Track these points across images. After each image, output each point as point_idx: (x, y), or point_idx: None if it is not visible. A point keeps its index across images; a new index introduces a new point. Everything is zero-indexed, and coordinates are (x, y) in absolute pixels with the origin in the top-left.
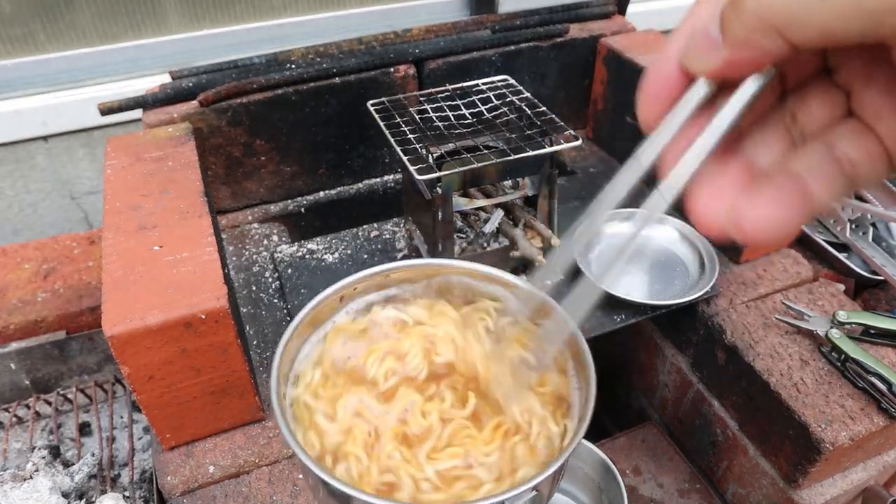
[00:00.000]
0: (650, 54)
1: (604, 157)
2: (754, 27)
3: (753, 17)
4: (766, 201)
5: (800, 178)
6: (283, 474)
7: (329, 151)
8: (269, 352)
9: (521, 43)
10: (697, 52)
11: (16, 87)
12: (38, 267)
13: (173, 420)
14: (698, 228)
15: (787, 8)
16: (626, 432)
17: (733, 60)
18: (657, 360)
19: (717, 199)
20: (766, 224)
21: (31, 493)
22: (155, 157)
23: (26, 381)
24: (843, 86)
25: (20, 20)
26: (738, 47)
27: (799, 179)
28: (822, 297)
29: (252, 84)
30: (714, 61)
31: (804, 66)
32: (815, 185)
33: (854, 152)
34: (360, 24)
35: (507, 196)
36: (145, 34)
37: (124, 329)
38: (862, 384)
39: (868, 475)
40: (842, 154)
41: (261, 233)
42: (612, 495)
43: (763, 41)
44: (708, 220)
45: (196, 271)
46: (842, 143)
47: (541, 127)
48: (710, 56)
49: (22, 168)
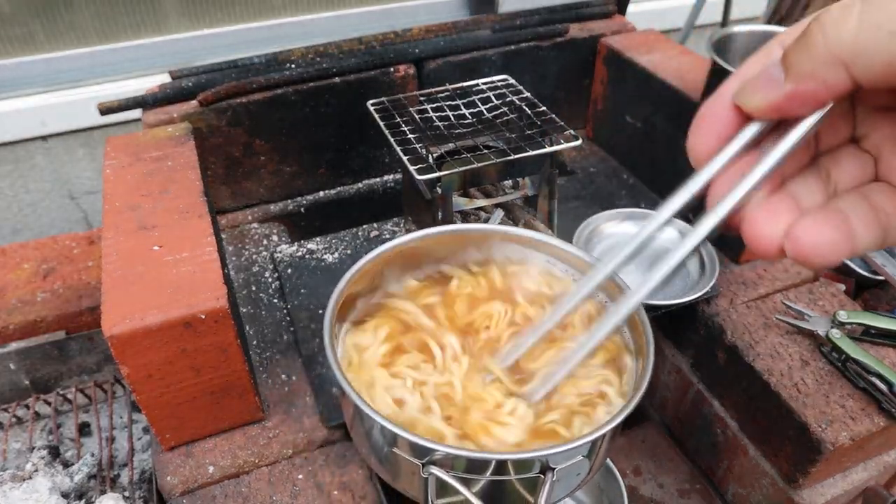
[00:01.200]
0: (650, 54)
1: (604, 157)
2: (822, 60)
3: (823, 50)
4: (820, 224)
5: (844, 214)
6: (283, 474)
7: (329, 151)
8: (269, 352)
9: (521, 43)
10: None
11: (16, 86)
12: (38, 267)
13: (173, 420)
14: (754, 249)
15: (856, 42)
16: (626, 432)
17: (796, 93)
18: (657, 360)
19: (774, 220)
20: (822, 244)
21: (31, 493)
22: (155, 157)
23: (26, 381)
24: (871, 151)
25: (20, 20)
26: (803, 80)
27: (844, 215)
28: (822, 297)
29: (252, 84)
30: (774, 96)
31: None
32: (857, 223)
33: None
34: (360, 24)
35: (507, 196)
36: (145, 34)
37: (124, 329)
38: (862, 384)
39: (868, 475)
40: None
41: (261, 233)
42: (613, 495)
43: (828, 75)
44: (766, 240)
45: (196, 271)
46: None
47: (541, 127)
48: (770, 92)
49: (21, 168)
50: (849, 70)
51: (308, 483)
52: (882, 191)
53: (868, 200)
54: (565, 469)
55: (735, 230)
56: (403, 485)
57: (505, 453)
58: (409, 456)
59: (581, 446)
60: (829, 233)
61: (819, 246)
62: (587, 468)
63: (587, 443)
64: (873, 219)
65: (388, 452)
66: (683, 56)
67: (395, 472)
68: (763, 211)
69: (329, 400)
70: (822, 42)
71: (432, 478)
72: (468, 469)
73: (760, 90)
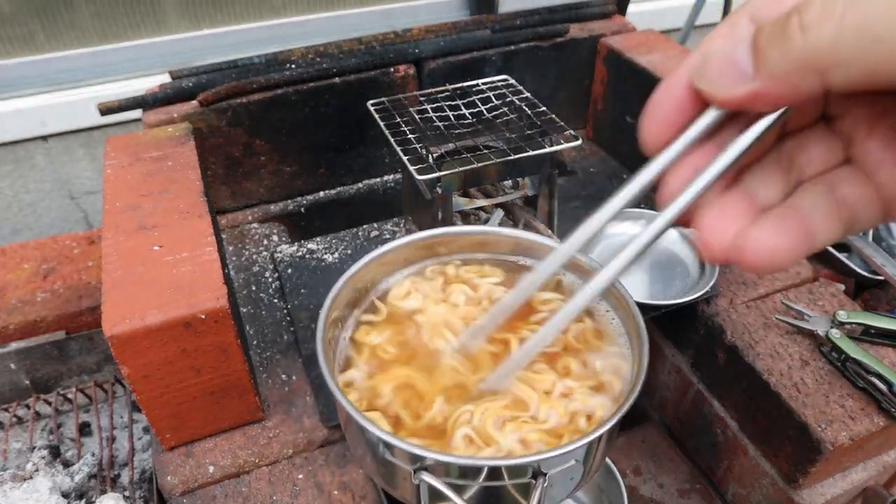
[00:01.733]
0: (650, 54)
1: (604, 157)
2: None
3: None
4: (771, 231)
5: (802, 213)
6: (283, 474)
7: (329, 151)
8: (269, 352)
9: (521, 43)
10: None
11: (16, 86)
12: (38, 267)
13: (173, 420)
14: (703, 253)
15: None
16: (626, 432)
17: (762, 94)
18: (657, 361)
19: (724, 225)
20: (771, 253)
21: (31, 493)
22: (155, 157)
23: (26, 381)
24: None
25: (20, 20)
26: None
27: (802, 214)
28: (822, 297)
29: (252, 84)
30: (739, 91)
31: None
32: (817, 221)
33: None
34: (360, 24)
35: (507, 196)
36: (145, 34)
37: (124, 329)
38: (862, 384)
39: (868, 475)
40: (841, 197)
41: (261, 233)
42: (612, 495)
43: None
44: (714, 246)
45: (196, 271)
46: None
47: (541, 127)
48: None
49: (21, 168)
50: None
51: (308, 483)
52: (850, 178)
53: (833, 193)
54: (558, 474)
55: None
56: (399, 491)
57: (497, 459)
58: (401, 462)
59: (575, 450)
60: (782, 240)
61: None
62: (581, 472)
63: (581, 447)
64: (836, 214)
65: (381, 459)
66: (683, 56)
67: (389, 478)
68: (714, 214)
69: (329, 400)
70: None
71: (424, 484)
72: (460, 475)
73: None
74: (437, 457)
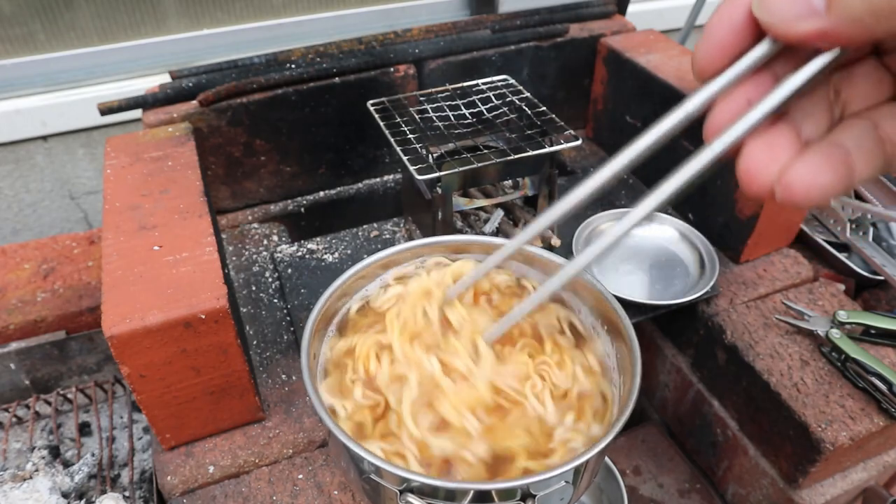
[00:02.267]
0: (650, 54)
1: (604, 157)
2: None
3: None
4: (813, 164)
5: (845, 149)
6: (283, 474)
7: (329, 151)
8: (269, 352)
9: (521, 43)
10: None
11: (16, 86)
12: (38, 267)
13: (173, 420)
14: (744, 186)
15: None
16: (626, 432)
17: (833, 33)
18: (657, 360)
19: (769, 160)
20: (812, 188)
21: (31, 493)
22: (155, 157)
23: (26, 381)
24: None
25: (20, 20)
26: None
27: (845, 151)
28: (822, 297)
29: (252, 84)
30: (807, 28)
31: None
32: (859, 158)
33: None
34: (360, 24)
35: (507, 196)
36: (145, 34)
37: (124, 329)
38: (862, 384)
39: (868, 475)
40: (885, 134)
41: (261, 233)
42: (612, 495)
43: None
44: (758, 178)
45: (196, 271)
46: (886, 123)
47: (541, 127)
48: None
49: (21, 168)
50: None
51: (308, 483)
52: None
53: (877, 130)
54: (547, 496)
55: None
56: None
57: (484, 483)
58: (387, 483)
59: (564, 473)
60: (824, 176)
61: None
62: (570, 493)
63: (570, 469)
64: (878, 151)
65: (367, 479)
66: (683, 56)
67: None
68: (760, 147)
69: None
70: None
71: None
72: (447, 497)
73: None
74: (423, 480)
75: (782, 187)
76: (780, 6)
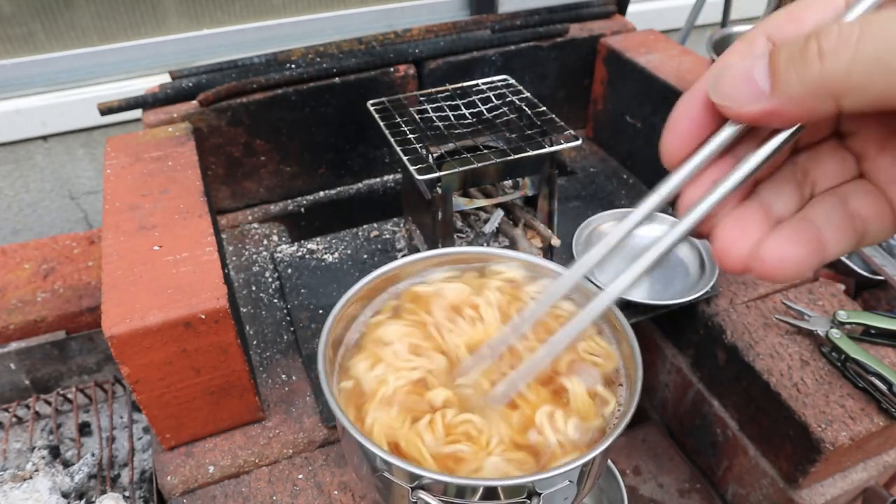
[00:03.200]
0: (650, 54)
1: (604, 157)
2: (814, 89)
3: (817, 79)
4: (786, 243)
5: (816, 225)
6: (283, 474)
7: (329, 151)
8: (269, 352)
9: (521, 43)
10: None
11: (16, 87)
12: (38, 267)
13: (173, 420)
14: (720, 263)
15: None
16: (626, 432)
17: (778, 113)
18: (657, 360)
19: (741, 236)
20: (787, 263)
21: (31, 493)
22: (155, 157)
23: (26, 381)
24: (855, 150)
25: (20, 20)
26: (790, 102)
27: (815, 227)
28: (822, 297)
29: (252, 84)
30: (755, 108)
31: (817, 129)
32: (829, 234)
33: (865, 210)
34: (360, 24)
35: (507, 196)
36: (145, 34)
37: (124, 329)
38: (862, 384)
39: (868, 475)
40: (854, 210)
41: (261, 233)
42: (612, 495)
43: (816, 103)
44: (732, 256)
45: (196, 271)
46: (854, 199)
47: (541, 127)
48: (751, 102)
49: (21, 168)
50: (838, 101)
51: (308, 483)
52: (862, 191)
53: (845, 206)
54: (552, 494)
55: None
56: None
57: (493, 480)
58: (398, 480)
59: (569, 471)
60: (797, 251)
61: (786, 264)
62: (575, 492)
63: (575, 468)
64: (848, 227)
65: (379, 476)
66: (683, 56)
67: (386, 495)
68: (731, 225)
69: None
70: (818, 68)
71: (421, 502)
72: (457, 494)
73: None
74: (434, 476)
75: (756, 262)
76: (731, 89)
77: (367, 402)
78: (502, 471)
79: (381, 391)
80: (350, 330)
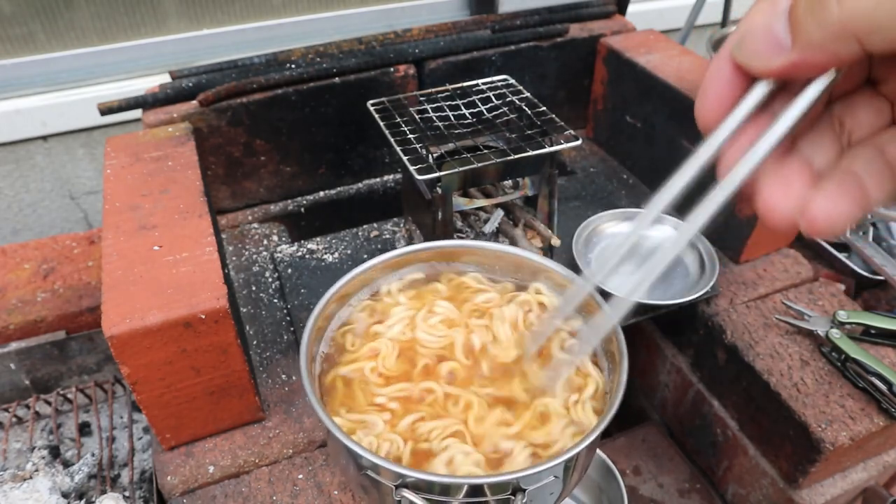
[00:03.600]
0: (650, 54)
1: (604, 157)
2: (834, 32)
3: (836, 21)
4: (831, 195)
5: (858, 176)
6: (283, 474)
7: (329, 151)
8: (269, 352)
9: (521, 43)
10: (760, 51)
11: (16, 87)
12: (38, 267)
13: (173, 420)
14: (765, 221)
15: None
16: (626, 432)
17: (802, 63)
18: (657, 360)
19: (787, 193)
20: (836, 219)
21: (31, 493)
22: (155, 157)
23: (26, 381)
24: (890, 96)
25: (20, 20)
26: (811, 50)
27: (858, 178)
28: (822, 297)
29: (252, 84)
30: (779, 62)
31: (850, 77)
32: (871, 183)
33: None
34: (360, 24)
35: (507, 196)
36: (145, 34)
37: (124, 329)
38: (862, 384)
39: (868, 475)
40: (892, 157)
41: (261, 233)
42: (612, 495)
43: (839, 47)
44: (779, 213)
45: (196, 271)
46: (890, 147)
47: (541, 127)
48: (774, 57)
49: (21, 168)
50: (861, 43)
51: (308, 483)
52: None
53: (883, 155)
54: (538, 490)
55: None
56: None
57: (478, 477)
58: (383, 479)
59: (553, 467)
60: (843, 205)
61: (834, 220)
62: (560, 488)
63: (559, 463)
64: (888, 174)
65: (363, 475)
66: (683, 56)
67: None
68: (775, 182)
69: None
70: (837, 12)
71: (405, 501)
72: (441, 492)
73: (763, 53)
74: (418, 475)
75: (806, 221)
76: (754, 47)
77: None
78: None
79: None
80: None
